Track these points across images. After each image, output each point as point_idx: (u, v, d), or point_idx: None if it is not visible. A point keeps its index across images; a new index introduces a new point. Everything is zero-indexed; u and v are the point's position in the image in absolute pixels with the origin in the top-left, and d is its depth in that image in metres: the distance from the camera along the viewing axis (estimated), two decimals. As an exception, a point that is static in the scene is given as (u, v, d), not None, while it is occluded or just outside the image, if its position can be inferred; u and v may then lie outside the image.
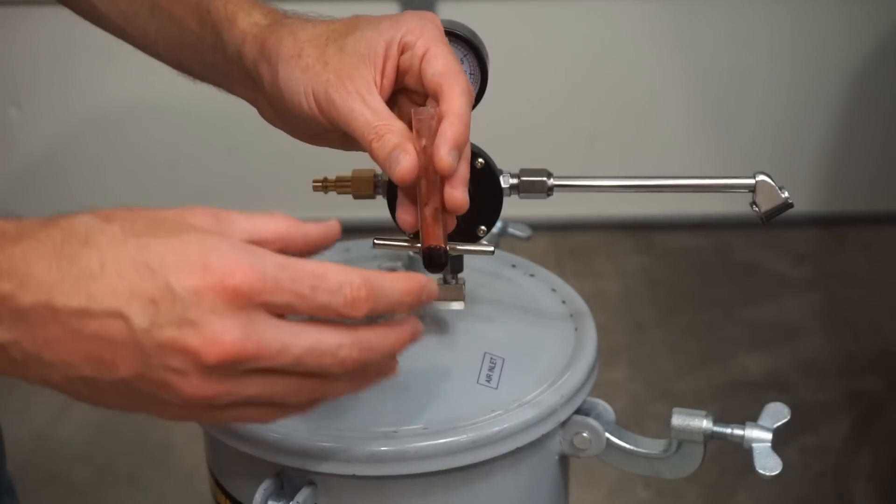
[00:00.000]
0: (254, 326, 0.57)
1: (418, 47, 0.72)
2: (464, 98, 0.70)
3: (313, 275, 0.58)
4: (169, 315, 0.56)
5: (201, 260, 0.57)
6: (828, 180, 2.37)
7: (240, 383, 0.58)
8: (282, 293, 0.57)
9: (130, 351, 0.57)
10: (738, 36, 2.26)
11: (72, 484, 1.71)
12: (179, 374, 0.57)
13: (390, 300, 0.61)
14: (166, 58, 0.84)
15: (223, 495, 0.81)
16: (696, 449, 0.77)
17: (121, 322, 0.56)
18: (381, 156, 0.69)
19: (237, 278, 0.56)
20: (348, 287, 0.59)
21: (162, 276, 0.56)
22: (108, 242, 0.57)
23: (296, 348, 0.58)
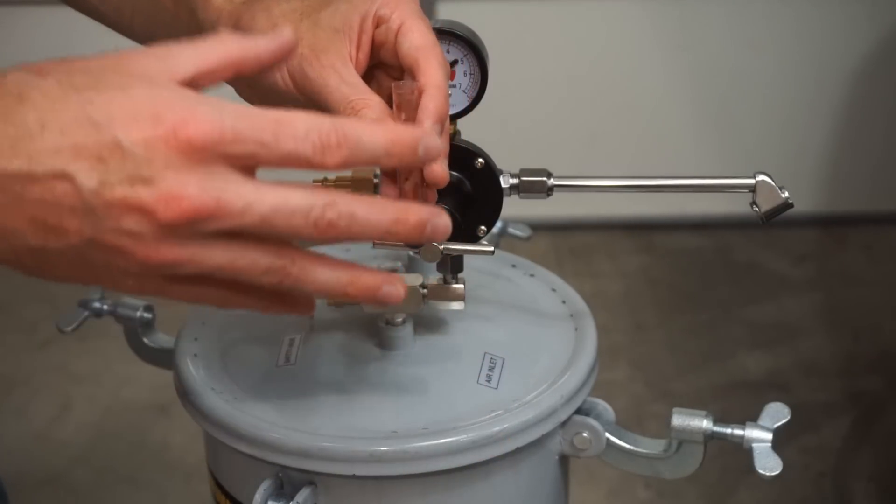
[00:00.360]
0: (213, 181, 0.53)
1: (393, 21, 0.71)
2: (441, 71, 0.69)
3: (276, 121, 0.54)
4: (119, 172, 0.52)
5: (151, 111, 0.52)
6: (828, 180, 2.37)
7: (203, 249, 0.54)
8: (242, 143, 0.53)
9: (79, 214, 0.53)
10: (739, 36, 2.26)
11: (71, 484, 1.71)
12: (134, 237, 0.53)
13: (371, 150, 0.56)
14: (141, 37, 0.83)
15: (223, 495, 0.81)
16: (697, 449, 0.77)
17: (66, 184, 0.52)
18: None
19: (191, 129, 0.52)
20: (316, 132, 0.54)
21: (108, 131, 0.52)
22: (46, 99, 0.53)
23: (262, 205, 0.54)
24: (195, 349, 0.81)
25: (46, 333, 2.01)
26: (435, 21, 0.77)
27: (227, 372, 0.79)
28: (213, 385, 0.78)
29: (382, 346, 0.80)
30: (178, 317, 0.86)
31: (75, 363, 1.95)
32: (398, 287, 0.60)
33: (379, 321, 0.81)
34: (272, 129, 0.54)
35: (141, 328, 0.92)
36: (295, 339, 0.81)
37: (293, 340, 0.81)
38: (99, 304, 0.92)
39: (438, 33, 0.77)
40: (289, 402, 0.75)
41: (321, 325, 0.82)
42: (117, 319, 0.92)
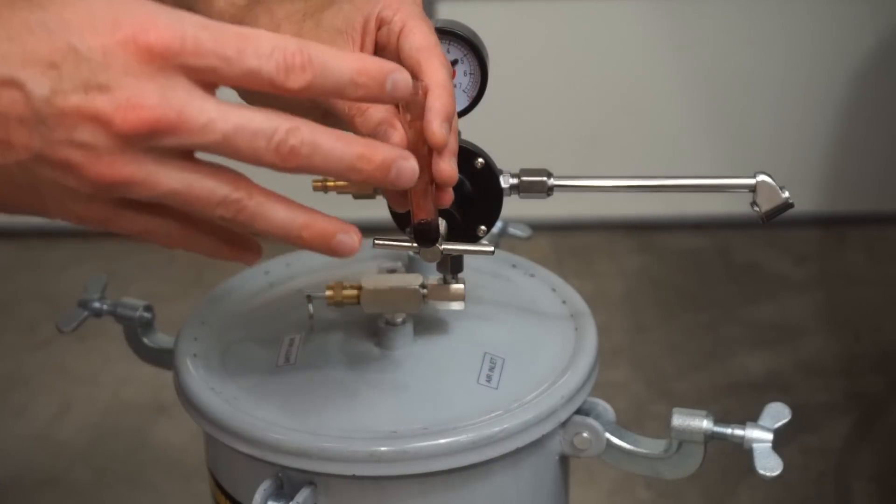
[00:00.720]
0: (174, 92, 0.50)
1: (395, 22, 0.71)
2: (445, 70, 0.69)
3: (240, 35, 0.51)
4: (74, 79, 0.48)
5: (109, 18, 0.49)
6: (829, 180, 2.37)
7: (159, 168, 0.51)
8: (203, 55, 0.50)
9: (28, 125, 0.49)
10: (739, 36, 2.26)
11: (72, 484, 1.71)
12: (87, 149, 0.49)
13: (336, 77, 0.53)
14: None
15: (223, 495, 0.81)
16: (697, 449, 0.77)
17: (15, 91, 0.48)
18: (365, 131, 0.67)
19: (152, 36, 0.49)
20: (281, 51, 0.51)
21: (63, 36, 0.48)
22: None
23: (224, 123, 0.51)
24: (195, 349, 0.81)
25: (46, 333, 2.01)
26: (435, 21, 0.77)
27: (227, 372, 0.79)
28: (213, 385, 0.78)
29: (382, 346, 0.80)
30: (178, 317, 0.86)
31: (75, 363, 1.95)
32: (352, 237, 0.58)
33: (379, 321, 0.81)
34: (235, 43, 0.51)
35: (140, 328, 0.92)
36: (295, 339, 0.81)
37: (293, 340, 0.81)
38: (99, 303, 0.92)
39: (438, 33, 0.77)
40: (288, 403, 0.75)
41: (321, 325, 0.82)
42: (117, 319, 0.92)
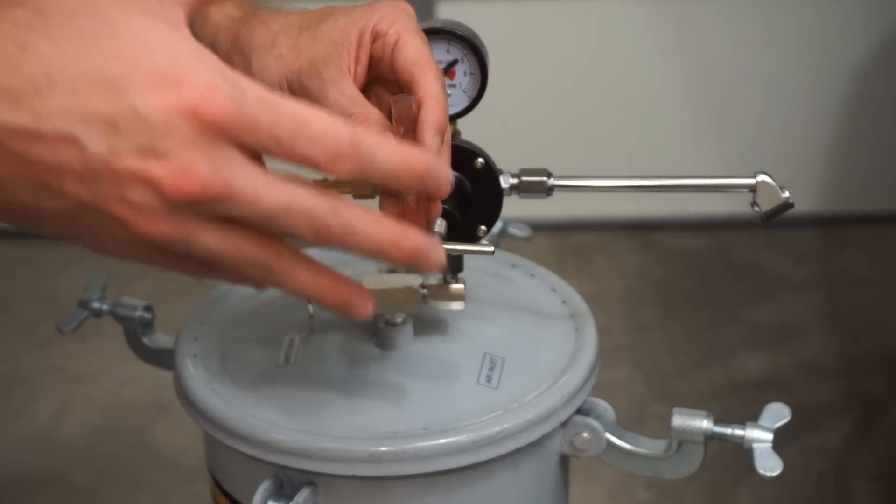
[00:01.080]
0: (227, 164, 0.50)
1: (390, 35, 0.71)
2: (438, 83, 0.70)
3: (296, 118, 0.52)
4: (131, 141, 0.49)
5: (171, 75, 0.49)
6: (828, 180, 2.37)
7: (199, 230, 0.52)
8: (259, 134, 0.51)
9: (82, 179, 0.50)
10: (739, 36, 2.26)
11: (72, 484, 1.71)
12: (136, 207, 0.50)
13: (381, 169, 0.54)
14: None
15: (223, 495, 0.81)
16: (697, 449, 0.77)
17: (74, 147, 0.49)
18: None
19: (214, 109, 0.50)
20: (332, 138, 0.52)
21: (125, 94, 0.49)
22: (53, 48, 0.49)
23: (269, 200, 0.52)
24: (195, 349, 0.81)
25: (46, 333, 2.01)
26: (435, 21, 0.77)
27: (227, 372, 0.79)
28: (213, 385, 0.78)
29: (382, 346, 0.80)
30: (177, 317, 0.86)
31: (75, 363, 1.95)
32: (368, 306, 0.59)
33: (379, 321, 0.81)
34: (291, 126, 0.52)
35: (140, 328, 0.92)
36: (295, 339, 0.81)
37: (293, 340, 0.81)
38: (98, 304, 0.92)
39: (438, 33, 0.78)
40: (288, 403, 0.75)
41: (321, 325, 0.82)
42: (117, 319, 0.92)
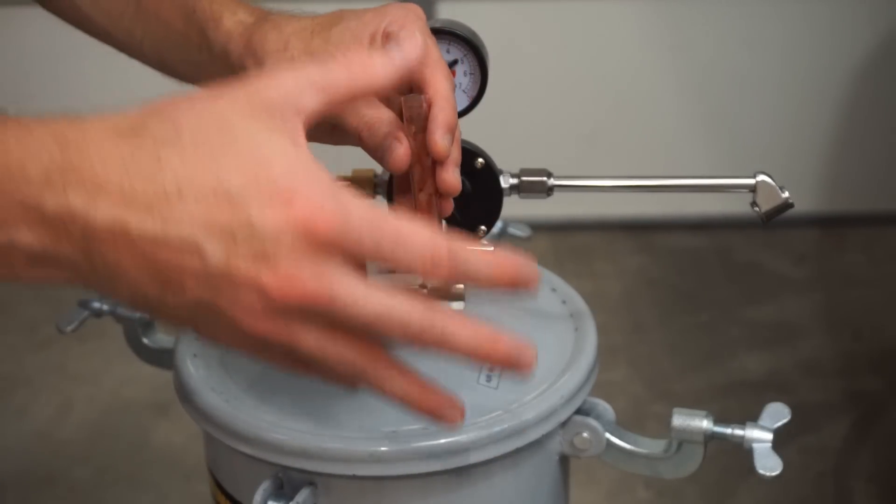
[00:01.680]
0: (330, 275, 0.55)
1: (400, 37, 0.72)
2: (447, 82, 0.70)
3: (398, 234, 0.56)
4: (246, 249, 0.54)
5: (286, 192, 0.54)
6: (828, 180, 2.37)
7: (300, 331, 0.56)
8: (362, 247, 0.55)
9: (200, 281, 0.55)
10: (739, 36, 2.26)
11: (72, 484, 1.71)
12: (247, 309, 0.55)
13: (474, 278, 0.58)
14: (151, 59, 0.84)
15: (223, 495, 0.81)
16: (697, 449, 0.77)
17: (195, 253, 0.54)
18: (372, 145, 0.69)
19: (321, 224, 0.54)
20: (430, 255, 0.56)
21: (243, 207, 0.54)
22: (183, 163, 0.54)
23: (367, 309, 0.56)
24: (195, 349, 0.81)
25: (46, 333, 2.01)
26: (435, 21, 0.77)
27: (227, 372, 0.79)
28: (213, 385, 0.78)
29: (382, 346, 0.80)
30: (178, 317, 0.86)
31: (75, 363, 1.95)
32: (457, 415, 0.63)
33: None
34: (392, 241, 0.56)
35: (141, 328, 0.92)
36: (295, 339, 0.81)
37: (293, 340, 0.81)
38: (99, 303, 0.92)
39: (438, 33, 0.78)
40: (288, 402, 0.75)
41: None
42: (117, 319, 0.92)
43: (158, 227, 0.54)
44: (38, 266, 0.56)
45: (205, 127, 0.55)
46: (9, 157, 0.54)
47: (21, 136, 0.54)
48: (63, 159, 0.54)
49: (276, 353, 0.58)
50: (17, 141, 0.54)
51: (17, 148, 0.54)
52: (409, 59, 0.61)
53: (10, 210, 0.54)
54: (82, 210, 0.54)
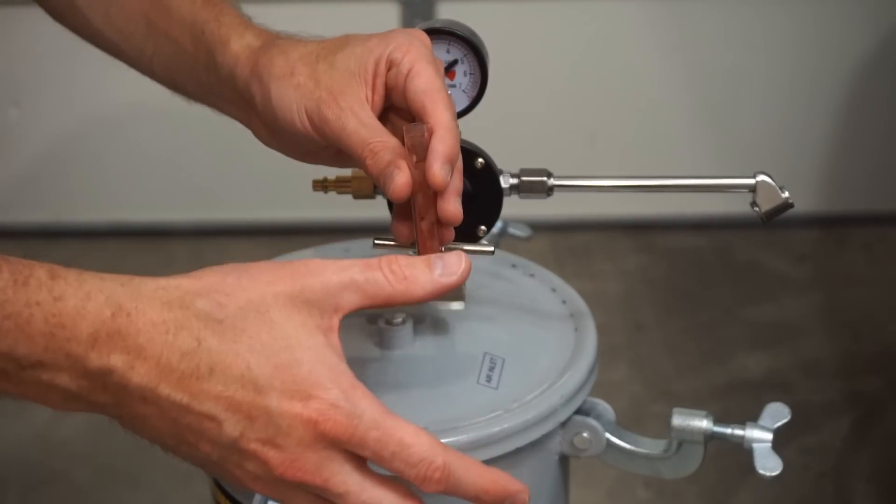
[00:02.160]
0: (328, 465, 0.61)
1: (404, 64, 0.72)
2: (448, 112, 0.71)
3: (399, 443, 0.61)
4: (260, 432, 0.60)
5: (306, 390, 0.60)
6: (828, 180, 2.37)
7: (299, 495, 0.63)
8: (364, 449, 0.61)
9: (214, 446, 0.61)
10: (738, 36, 2.26)
11: (72, 484, 1.71)
12: (251, 475, 0.62)
13: (465, 493, 0.63)
14: (161, 77, 0.85)
15: (223, 495, 0.81)
16: (697, 449, 0.77)
17: (214, 424, 0.60)
18: (376, 172, 0.70)
19: (330, 426, 0.60)
20: (425, 465, 0.61)
21: (264, 396, 0.60)
22: (219, 346, 0.60)
23: (355, 499, 0.62)
24: (195, 349, 0.81)
25: (46, 333, 2.00)
26: (435, 21, 0.77)
27: (227, 372, 0.79)
28: (213, 385, 0.77)
29: (382, 346, 0.80)
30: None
31: (75, 363, 1.94)
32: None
33: (379, 321, 0.81)
34: (392, 448, 0.61)
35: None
36: (295, 339, 0.81)
37: (293, 340, 0.81)
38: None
39: (438, 33, 0.78)
40: (289, 402, 0.75)
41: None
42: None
43: (186, 398, 0.60)
44: (71, 402, 0.61)
45: (246, 315, 0.61)
46: (63, 313, 0.59)
47: (77, 293, 0.59)
48: (112, 325, 0.59)
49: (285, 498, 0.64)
50: (73, 297, 0.59)
51: (72, 305, 0.59)
52: (451, 284, 0.65)
53: (56, 357, 0.59)
54: (121, 371, 0.59)
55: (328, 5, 2.17)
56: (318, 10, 2.15)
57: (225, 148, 2.23)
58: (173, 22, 0.81)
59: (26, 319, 0.58)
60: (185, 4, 0.81)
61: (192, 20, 0.80)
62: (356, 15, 2.13)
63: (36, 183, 2.34)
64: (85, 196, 2.33)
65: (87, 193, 2.33)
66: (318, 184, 0.82)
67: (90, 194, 2.33)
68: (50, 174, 2.33)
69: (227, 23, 0.78)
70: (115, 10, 0.85)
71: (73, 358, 0.59)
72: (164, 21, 0.82)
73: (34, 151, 2.32)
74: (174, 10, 0.81)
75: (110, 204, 2.34)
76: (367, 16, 2.14)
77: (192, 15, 0.80)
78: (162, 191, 2.32)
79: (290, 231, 2.29)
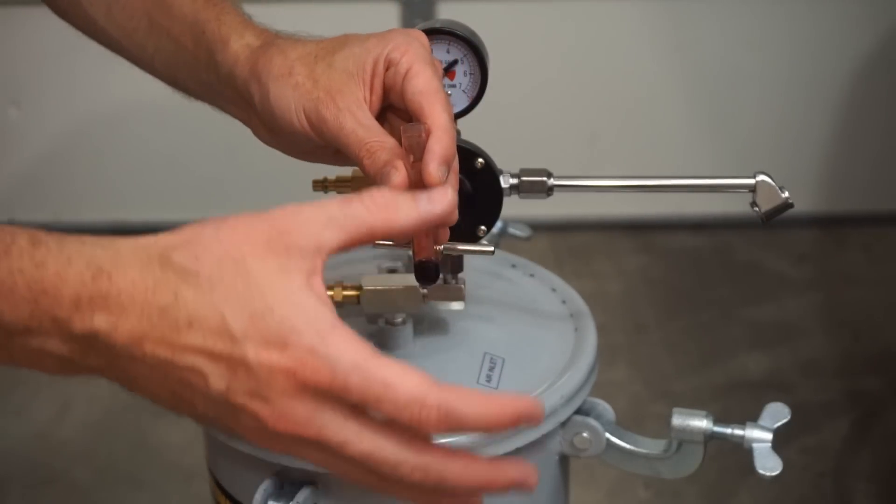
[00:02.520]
0: (319, 416, 0.59)
1: (402, 65, 0.72)
2: (445, 114, 0.71)
3: (383, 384, 0.58)
4: (244, 384, 0.59)
5: (281, 337, 0.58)
6: (828, 180, 2.37)
7: (300, 450, 0.61)
8: (349, 395, 0.58)
9: (207, 401, 0.60)
10: (738, 36, 2.26)
11: (72, 484, 1.71)
12: (247, 428, 0.61)
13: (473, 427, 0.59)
14: (162, 74, 0.85)
15: (223, 495, 0.81)
16: (697, 449, 0.77)
17: (200, 378, 0.59)
18: (373, 171, 0.70)
19: (309, 374, 0.58)
20: (417, 406, 0.58)
21: (241, 346, 0.58)
22: (195, 298, 0.59)
23: (355, 447, 0.59)
24: (195, 349, 0.81)
25: (46, 333, 2.00)
26: (435, 21, 0.77)
27: (227, 372, 0.79)
28: (213, 385, 0.77)
29: (382, 346, 0.80)
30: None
31: (75, 363, 1.94)
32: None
33: (379, 321, 0.81)
34: (377, 391, 0.58)
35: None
36: (295, 339, 0.81)
37: (293, 340, 0.81)
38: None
39: (438, 33, 0.78)
40: (289, 402, 0.75)
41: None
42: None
43: (169, 355, 0.59)
44: (66, 367, 0.61)
45: (222, 265, 0.60)
46: (45, 279, 0.59)
47: (58, 259, 0.59)
48: (93, 287, 0.59)
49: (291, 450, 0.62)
50: (54, 263, 0.59)
51: (53, 271, 0.59)
52: (434, 214, 0.62)
53: (43, 322, 0.59)
54: (105, 332, 0.59)
55: (328, 5, 2.17)
56: (318, 10, 2.15)
57: (225, 148, 2.24)
58: (174, 20, 0.81)
59: (10, 287, 0.58)
60: (186, 3, 0.81)
61: (193, 19, 0.80)
62: (356, 15, 2.13)
63: (36, 183, 2.34)
64: (85, 196, 2.33)
65: (87, 193, 2.33)
66: (318, 184, 0.82)
67: (90, 194, 2.33)
68: (50, 174, 2.33)
69: (228, 22, 0.79)
70: (117, 7, 0.85)
71: (59, 322, 0.59)
72: (165, 19, 0.82)
73: (34, 151, 2.32)
74: (175, 8, 0.81)
75: (110, 204, 2.34)
76: (366, 16, 2.14)
77: (193, 14, 0.80)
78: (162, 191, 2.32)
79: (290, 231, 2.29)
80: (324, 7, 2.16)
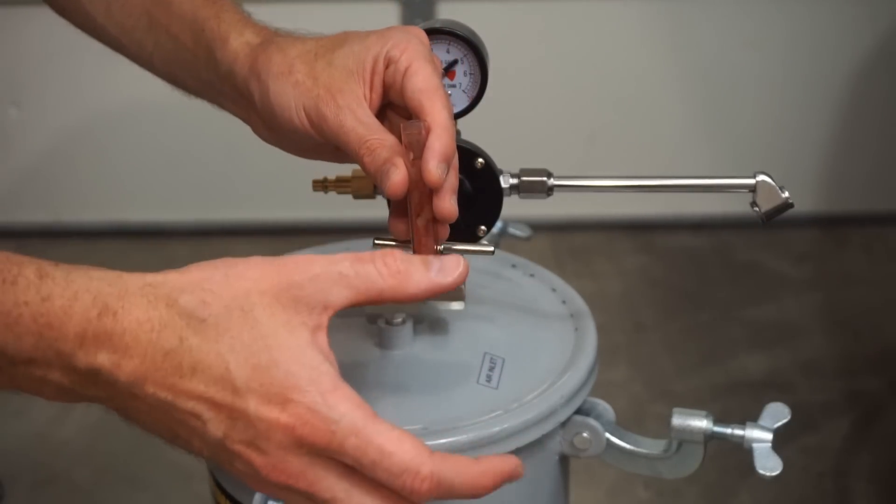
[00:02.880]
0: (312, 471, 0.60)
1: (402, 62, 0.72)
2: (445, 111, 0.71)
3: (379, 451, 0.59)
4: (242, 434, 0.60)
5: (283, 394, 0.59)
6: (828, 180, 2.37)
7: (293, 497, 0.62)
8: (344, 457, 0.59)
9: (204, 444, 0.62)
10: (738, 36, 2.26)
11: (72, 484, 1.71)
12: (242, 473, 0.62)
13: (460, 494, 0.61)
14: (161, 72, 0.85)
15: (223, 495, 0.81)
16: (697, 449, 0.77)
17: (199, 423, 0.60)
18: (373, 169, 0.70)
19: (306, 431, 0.59)
20: (410, 476, 0.59)
21: (243, 398, 0.59)
22: (202, 344, 0.60)
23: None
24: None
25: (46, 333, 2.00)
26: (435, 21, 0.77)
27: (227, 372, 0.79)
28: (213, 385, 0.77)
29: (382, 346, 0.80)
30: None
31: (75, 363, 1.94)
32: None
33: (379, 321, 0.81)
34: (372, 457, 0.59)
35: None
36: (295, 339, 0.81)
37: (293, 340, 0.81)
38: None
39: (438, 33, 0.78)
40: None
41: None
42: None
43: (170, 398, 0.60)
44: (67, 395, 0.62)
45: (230, 313, 0.60)
46: (51, 313, 0.59)
47: (64, 293, 0.59)
48: (98, 325, 0.59)
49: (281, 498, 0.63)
50: (60, 297, 0.59)
51: (59, 305, 0.59)
52: (444, 285, 0.64)
53: (46, 355, 0.59)
54: (108, 370, 0.59)
55: (328, 5, 2.17)
56: (319, 10, 2.15)
57: (225, 148, 2.24)
58: (174, 18, 0.81)
59: (15, 319, 0.59)
60: (185, 1, 0.81)
61: (193, 17, 0.80)
62: (356, 14, 2.13)
63: (36, 183, 2.34)
64: (85, 196, 2.33)
65: (87, 193, 2.33)
66: (318, 184, 0.82)
67: (91, 194, 2.33)
68: (50, 174, 2.33)
69: (227, 20, 0.78)
70: (116, 5, 0.85)
71: (62, 356, 0.59)
72: (164, 17, 0.82)
73: (34, 151, 2.32)
74: (175, 6, 0.81)
75: (111, 204, 2.34)
76: (367, 15, 2.14)
77: (193, 11, 0.80)
78: (162, 190, 2.32)
79: (291, 231, 2.29)
80: (324, 7, 2.16)
